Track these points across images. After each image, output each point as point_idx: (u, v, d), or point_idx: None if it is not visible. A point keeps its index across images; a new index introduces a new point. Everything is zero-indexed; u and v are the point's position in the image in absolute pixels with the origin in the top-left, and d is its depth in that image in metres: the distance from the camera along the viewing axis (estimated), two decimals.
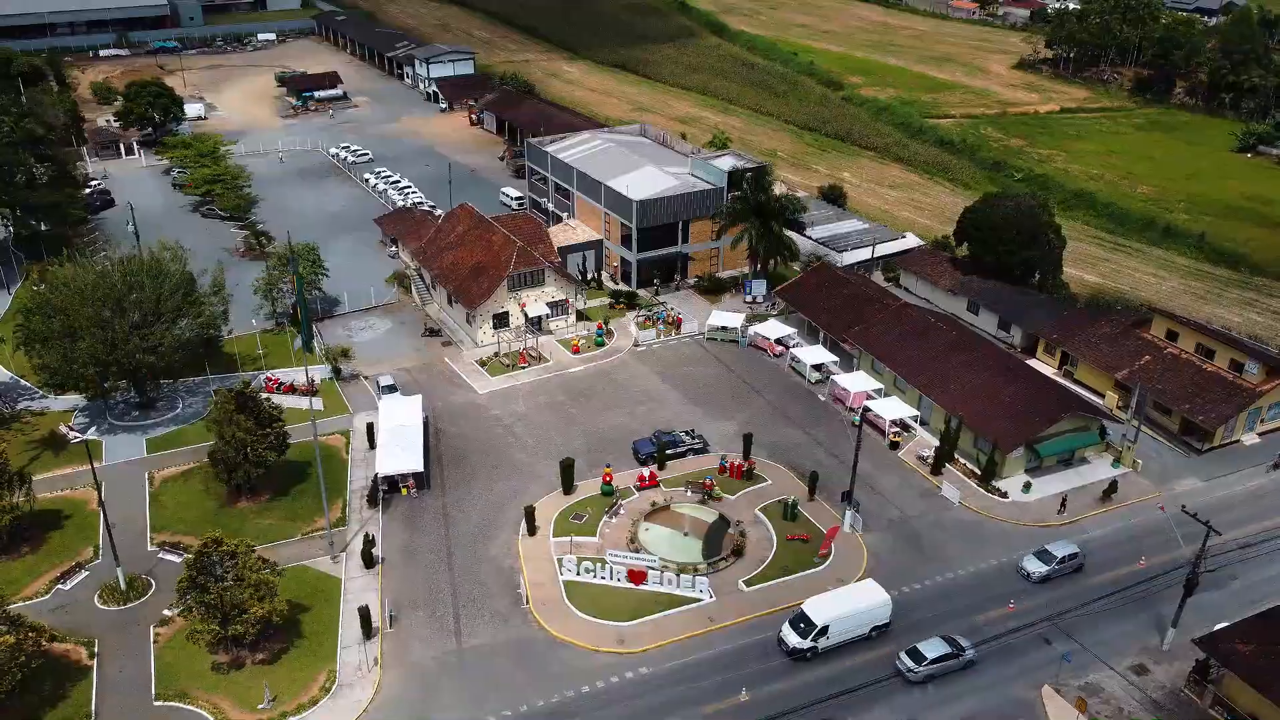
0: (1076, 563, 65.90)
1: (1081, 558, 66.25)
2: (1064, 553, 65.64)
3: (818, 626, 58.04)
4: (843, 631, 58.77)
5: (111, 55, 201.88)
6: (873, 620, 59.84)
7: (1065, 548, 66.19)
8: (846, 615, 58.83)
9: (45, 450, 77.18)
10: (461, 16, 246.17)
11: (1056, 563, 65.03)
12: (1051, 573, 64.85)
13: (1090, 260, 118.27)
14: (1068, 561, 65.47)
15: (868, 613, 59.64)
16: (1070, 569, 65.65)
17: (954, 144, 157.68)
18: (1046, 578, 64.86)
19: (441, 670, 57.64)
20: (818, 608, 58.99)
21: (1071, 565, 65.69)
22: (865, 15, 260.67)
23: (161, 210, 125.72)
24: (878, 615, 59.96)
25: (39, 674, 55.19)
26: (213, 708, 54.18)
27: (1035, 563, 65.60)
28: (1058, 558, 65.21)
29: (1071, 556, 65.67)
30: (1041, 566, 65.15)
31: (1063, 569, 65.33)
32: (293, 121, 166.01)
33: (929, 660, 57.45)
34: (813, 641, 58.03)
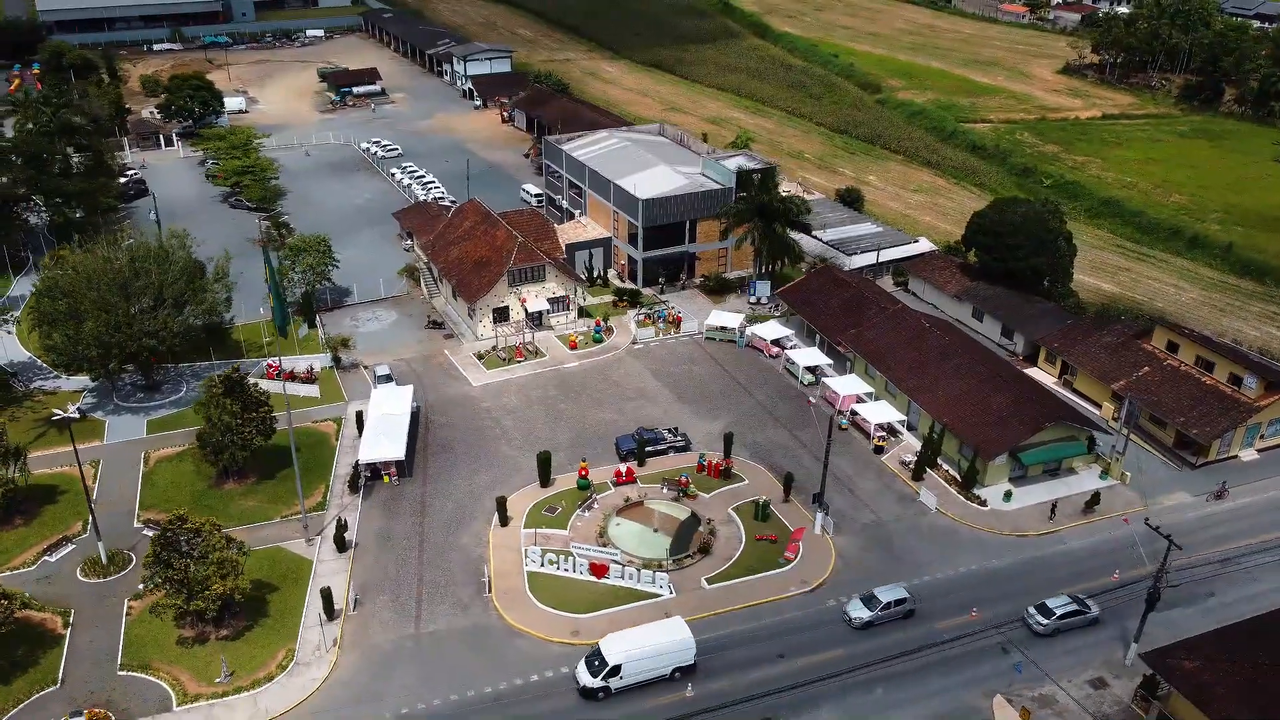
0: (905, 608, 61.18)
1: (912, 603, 61.45)
2: (891, 598, 61.07)
3: (609, 665, 55.01)
4: (639, 671, 55.32)
5: (164, 50, 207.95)
6: (674, 661, 56.26)
7: (893, 592, 61.51)
8: (644, 654, 55.45)
9: (50, 428, 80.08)
10: (508, 15, 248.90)
11: (881, 608, 60.53)
12: (876, 619, 60.40)
13: (1110, 269, 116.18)
14: (894, 607, 60.82)
15: (668, 653, 56.08)
16: (898, 615, 61.05)
17: (985, 149, 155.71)
18: (869, 624, 60.42)
19: (397, 654, 58.91)
20: (613, 645, 55.69)
21: (899, 611, 61.02)
22: (912, 17, 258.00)
23: (194, 200, 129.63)
24: (679, 655, 56.33)
25: (13, 639, 57.67)
26: (171, 679, 56.06)
27: (859, 608, 61.09)
28: (883, 603, 60.77)
29: (899, 602, 60.93)
30: (865, 612, 60.67)
31: (888, 615, 60.74)
32: (330, 116, 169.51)
33: (1056, 615, 59.88)
34: (604, 681, 54.98)
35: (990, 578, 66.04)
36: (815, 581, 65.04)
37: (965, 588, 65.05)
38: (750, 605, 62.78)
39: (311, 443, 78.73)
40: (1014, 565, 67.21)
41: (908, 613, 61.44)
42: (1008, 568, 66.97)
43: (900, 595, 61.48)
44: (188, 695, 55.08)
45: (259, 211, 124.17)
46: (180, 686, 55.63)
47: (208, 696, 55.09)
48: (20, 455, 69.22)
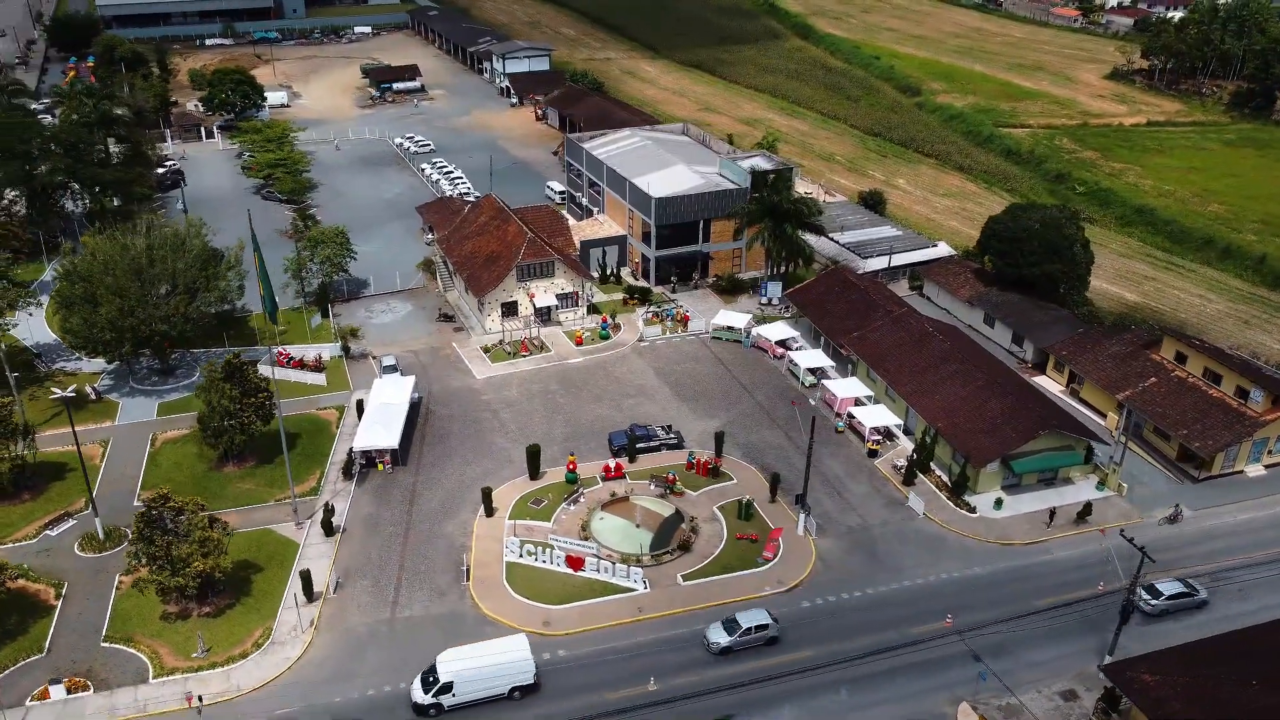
0: (767, 634, 59.03)
1: (775, 629, 59.21)
2: (752, 623, 58.96)
3: (440, 682, 54.22)
4: (473, 690, 54.22)
5: (216, 44, 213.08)
6: (512, 680, 55.08)
7: (755, 617, 59.35)
8: (478, 672, 54.42)
9: (66, 408, 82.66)
10: (553, 14, 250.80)
11: (741, 633, 58.50)
12: (735, 644, 58.36)
13: (1135, 278, 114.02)
14: (755, 632, 58.77)
15: (505, 671, 54.96)
16: (759, 641, 58.96)
17: (1020, 154, 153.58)
18: (728, 649, 58.39)
19: (371, 637, 60.20)
20: (448, 661, 54.93)
21: (760, 637, 58.92)
22: (960, 20, 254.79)
23: (228, 191, 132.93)
24: (517, 675, 55.15)
25: (7, 608, 60.09)
26: (151, 652, 57.96)
27: (719, 632, 58.92)
28: (743, 628, 58.68)
29: (761, 627, 58.81)
30: (725, 637, 58.51)
31: (748, 640, 58.68)
32: (369, 112, 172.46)
33: (1165, 596, 61.68)
34: (435, 697, 54.10)
35: (970, 585, 65.48)
36: (791, 582, 65.05)
37: (943, 594, 64.55)
38: (723, 604, 62.96)
39: (313, 429, 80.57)
40: (996, 573, 66.56)
41: (770, 639, 59.08)
42: (989, 575, 66.34)
43: (762, 620, 59.16)
44: (164, 668, 56.92)
45: (289, 204, 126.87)
46: (158, 659, 57.50)
47: (183, 670, 56.88)
48: (29, 433, 71.77)
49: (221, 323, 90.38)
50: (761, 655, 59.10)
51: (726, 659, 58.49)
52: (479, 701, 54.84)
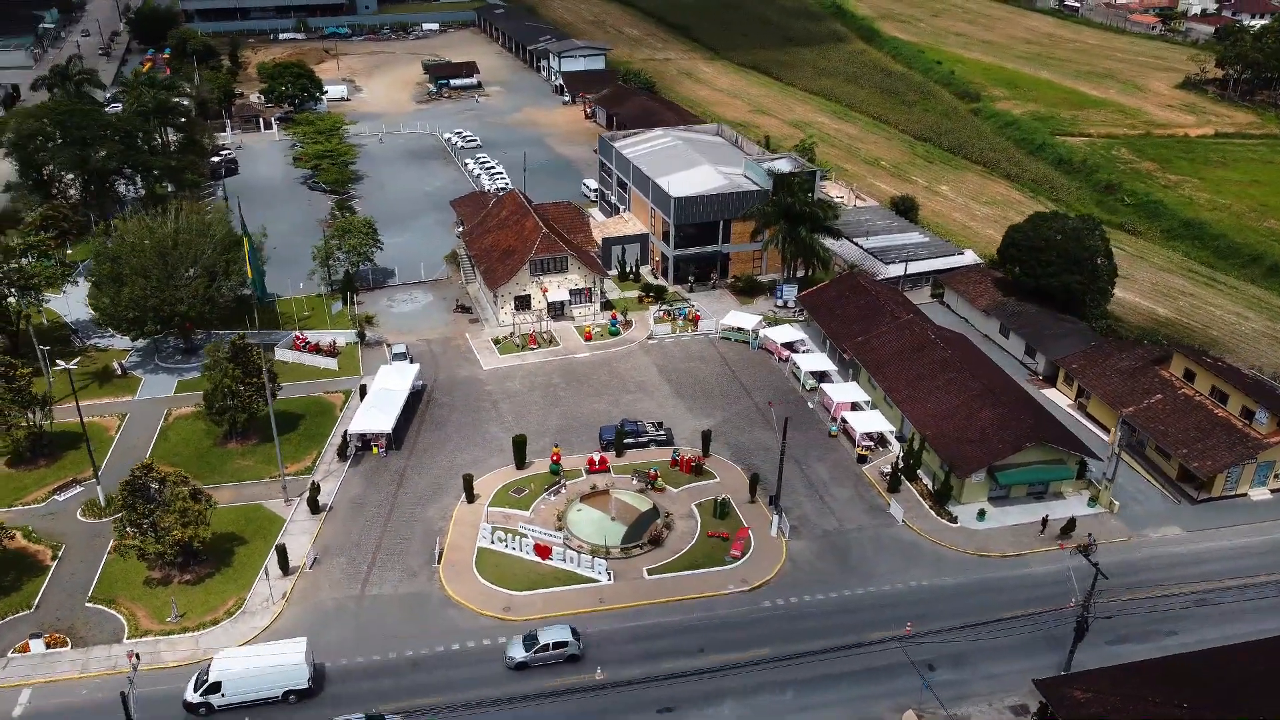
0: (566, 652, 58.06)
1: (575, 647, 58.17)
2: (551, 639, 58.27)
3: (209, 682, 54.16)
4: (242, 691, 53.74)
5: (288, 39, 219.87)
6: (284, 683, 54.83)
7: (556, 634, 58.65)
8: (247, 674, 54.01)
9: (93, 381, 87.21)
10: (618, 13, 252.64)
11: (538, 649, 57.79)
12: (531, 660, 57.60)
13: (1171, 293, 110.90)
14: (554, 649, 57.98)
15: (277, 674, 54.68)
16: (558, 658, 58.06)
17: (1071, 164, 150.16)
18: (524, 665, 57.64)
19: (338, 612, 62.41)
20: (222, 661, 54.87)
21: (559, 654, 58.04)
22: (1033, 26, 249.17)
23: (278, 180, 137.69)
24: (289, 678, 54.87)
25: (5, 566, 63.83)
26: (129, 614, 61.06)
27: (517, 647, 58.24)
28: (540, 644, 57.97)
29: (560, 644, 57.99)
30: (521, 652, 57.83)
31: (546, 657, 57.90)
32: (425, 107, 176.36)
33: None
34: (203, 696, 53.98)
35: (937, 594, 64.98)
36: (756, 582, 65.37)
37: (908, 602, 64.20)
38: (683, 599, 63.67)
39: (317, 411, 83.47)
40: (966, 584, 65.93)
41: (569, 656, 58.25)
42: (958, 586, 65.74)
43: (562, 638, 58.35)
44: (139, 630, 59.94)
45: (332, 194, 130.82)
46: (135, 621, 60.55)
47: (156, 633, 59.82)
48: (46, 403, 75.82)
49: (244, 306, 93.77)
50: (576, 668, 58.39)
51: (522, 673, 57.77)
52: (251, 703, 54.42)
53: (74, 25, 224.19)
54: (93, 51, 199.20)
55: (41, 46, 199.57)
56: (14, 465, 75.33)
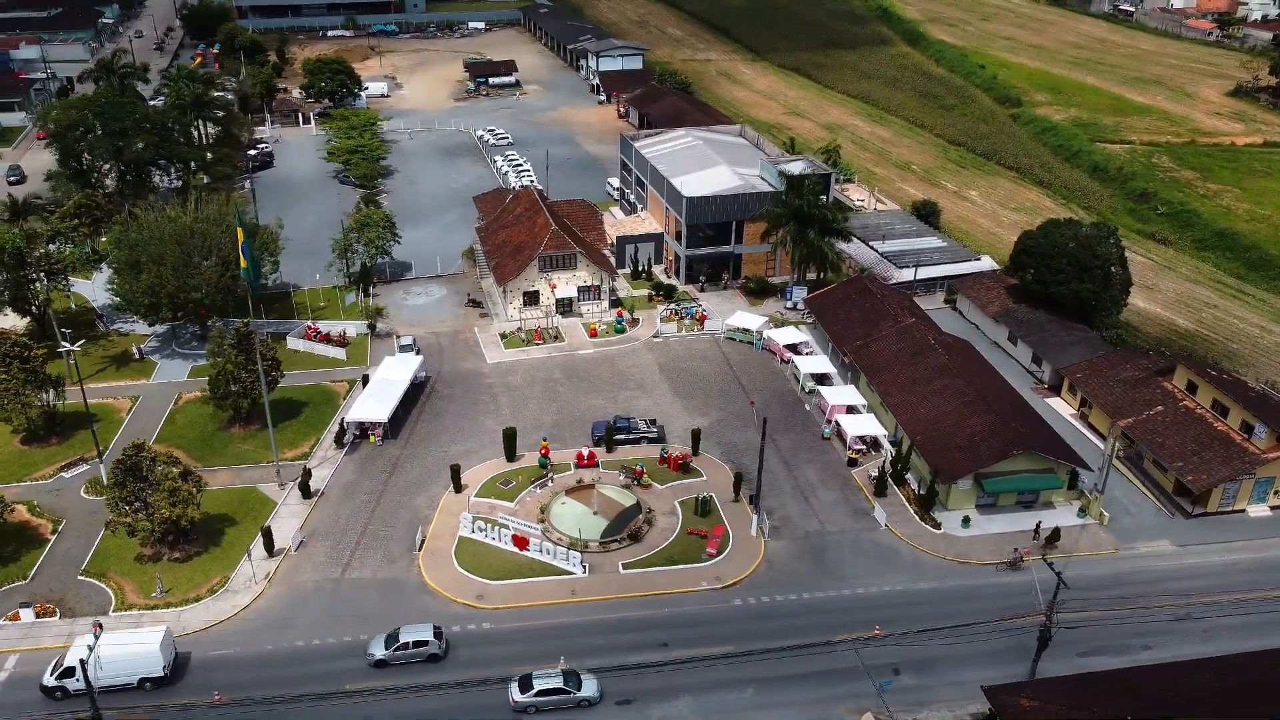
0: (427, 651, 58.14)
1: (436, 646, 58.25)
2: (411, 638, 58.28)
3: (64, 666, 54.96)
4: (95, 676, 52.87)
5: (336, 35, 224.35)
6: (140, 670, 55.42)
7: (417, 633, 58.69)
8: (103, 660, 53.86)
9: (112, 364, 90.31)
10: (662, 14, 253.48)
11: (397, 647, 57.90)
12: (391, 658, 57.80)
13: (1195, 304, 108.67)
14: (413, 648, 58.02)
15: (133, 662, 55.24)
16: (419, 657, 58.09)
17: (1107, 171, 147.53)
18: (384, 663, 57.85)
19: (316, 593, 64.10)
20: (77, 647, 54.80)
21: (420, 653, 58.09)
22: (1085, 31, 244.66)
23: (312, 173, 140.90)
24: (145, 666, 55.40)
25: (7, 538, 66.61)
26: (117, 589, 63.38)
27: (378, 645, 58.45)
28: (400, 642, 58.07)
29: (421, 644, 58.03)
30: (381, 650, 58.09)
31: (406, 655, 57.97)
32: (463, 104, 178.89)
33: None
34: (59, 681, 54.88)
35: (910, 599, 64.75)
36: (730, 580, 65.74)
37: (879, 606, 64.08)
38: (655, 594, 64.30)
39: (321, 399, 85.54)
40: (940, 590, 65.57)
41: (430, 656, 58.36)
42: (932, 591, 65.42)
43: (423, 637, 58.48)
44: (125, 603, 62.17)
45: (361, 188, 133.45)
46: (122, 596, 62.83)
47: (140, 607, 62.02)
48: (59, 384, 78.72)
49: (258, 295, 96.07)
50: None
51: (382, 670, 58.10)
52: (107, 689, 54.69)
53: (133, 20, 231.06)
54: (148, 46, 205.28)
55: (100, 41, 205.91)
56: (27, 443, 78.38)
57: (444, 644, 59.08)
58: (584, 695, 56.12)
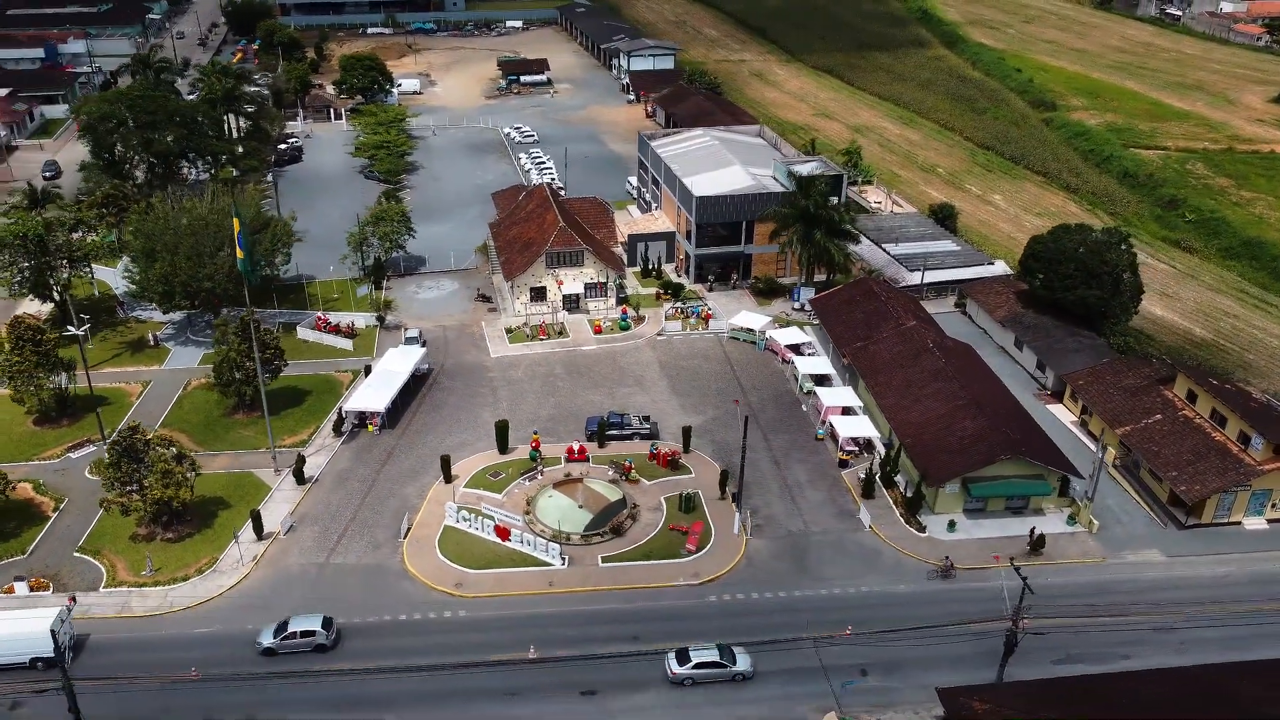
0: (315, 641, 58.87)
1: (324, 636, 59.00)
2: (299, 628, 59.20)
3: None
4: None
5: (376, 33, 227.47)
6: (29, 650, 56.29)
7: (306, 622, 59.42)
8: None
9: (127, 350, 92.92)
10: (699, 14, 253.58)
11: (285, 636, 58.70)
12: (279, 647, 58.50)
13: (1215, 314, 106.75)
14: (301, 637, 58.80)
15: (21, 641, 56.23)
16: (306, 646, 58.81)
17: (1136, 177, 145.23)
18: (271, 650, 58.53)
19: (301, 576, 65.61)
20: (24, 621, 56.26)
21: (307, 643, 58.81)
22: (1129, 35, 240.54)
23: (339, 168, 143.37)
24: (35, 646, 56.01)
25: (11, 515, 69.06)
26: (109, 565, 65.42)
27: (267, 634, 59.28)
28: (288, 631, 58.97)
29: (309, 633, 58.85)
30: (269, 638, 58.86)
31: (294, 644, 58.75)
32: (493, 102, 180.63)
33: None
34: None
35: (887, 601, 64.66)
36: (707, 576, 66.13)
37: (854, 606, 64.06)
38: (632, 588, 64.92)
39: (324, 388, 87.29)
40: (918, 593, 65.41)
41: (318, 646, 59.06)
42: (909, 594, 65.28)
43: (311, 627, 59.18)
44: (115, 580, 64.16)
45: (385, 183, 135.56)
46: (114, 572, 64.87)
47: (130, 584, 63.94)
48: (70, 368, 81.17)
49: (268, 285, 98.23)
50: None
51: (269, 659, 58.97)
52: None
53: (181, 17, 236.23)
54: (192, 42, 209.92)
55: (145, 37, 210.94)
56: (39, 424, 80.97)
57: (333, 634, 59.64)
58: (739, 669, 57.66)
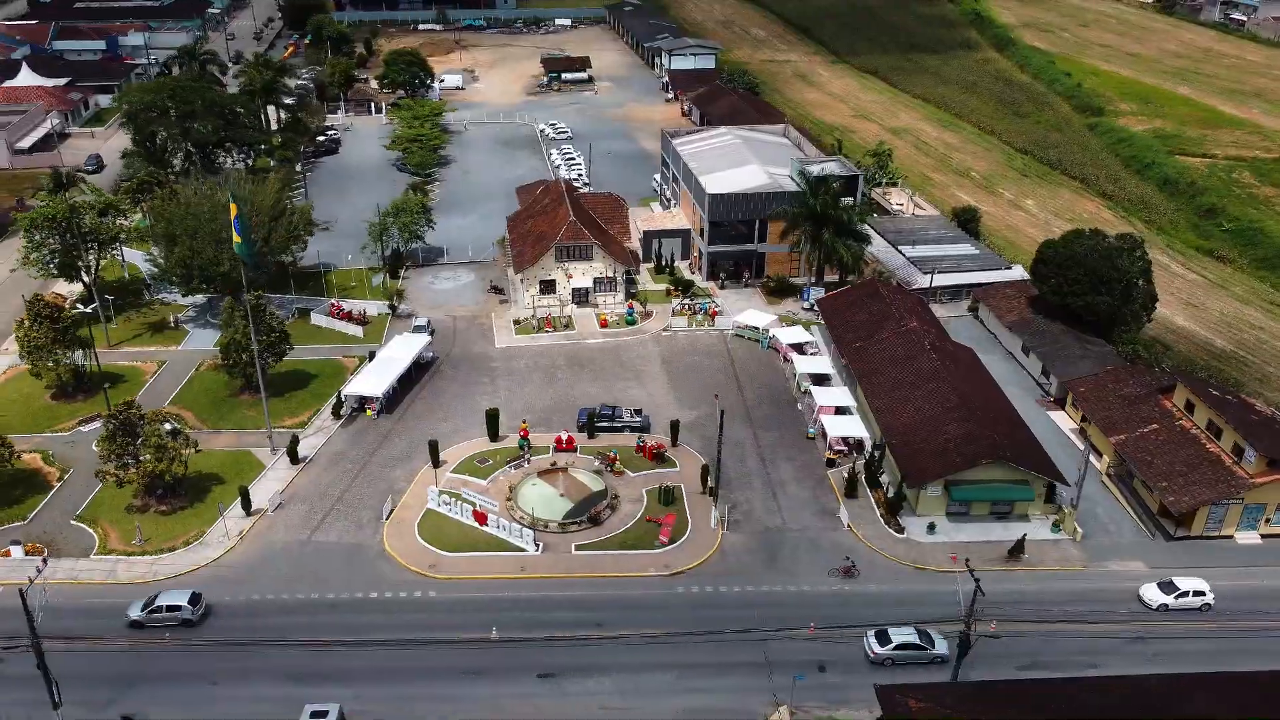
0: (180, 616, 60.18)
1: (189, 612, 60.20)
2: (166, 602, 60.48)
3: None
4: None
5: (427, 29, 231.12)
6: None
7: (173, 598, 60.76)
8: None
9: (149, 330, 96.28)
10: (748, 14, 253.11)
11: (152, 610, 60.23)
12: (145, 620, 60.07)
13: (1240, 325, 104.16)
14: (166, 612, 60.25)
15: None
16: (172, 620, 60.21)
17: (1176, 184, 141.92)
18: (139, 624, 60.17)
19: (283, 552, 67.61)
20: None
21: (173, 617, 60.20)
22: (1189, 40, 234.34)
23: (375, 160, 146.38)
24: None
25: (18, 482, 72.25)
26: (102, 534, 68.14)
27: (136, 607, 60.62)
28: (154, 605, 60.34)
29: (174, 608, 60.21)
30: (138, 612, 60.34)
31: (160, 618, 60.18)
32: (534, 99, 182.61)
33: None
34: None
35: (853, 599, 64.56)
36: (678, 568, 66.66)
37: (821, 604, 64.06)
38: (602, 576, 65.73)
39: (330, 373, 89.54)
40: (887, 593, 65.15)
41: (184, 620, 60.30)
42: (878, 594, 65.07)
43: (178, 602, 60.46)
44: (106, 548, 66.79)
45: (416, 176, 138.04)
46: (105, 540, 67.53)
47: (120, 552, 66.53)
48: (86, 345, 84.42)
49: (284, 271, 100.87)
50: None
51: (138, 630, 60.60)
52: None
53: (241, 11, 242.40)
54: (247, 36, 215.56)
55: (204, 31, 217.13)
56: (57, 398, 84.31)
57: (200, 610, 61.11)
58: (938, 652, 59.21)
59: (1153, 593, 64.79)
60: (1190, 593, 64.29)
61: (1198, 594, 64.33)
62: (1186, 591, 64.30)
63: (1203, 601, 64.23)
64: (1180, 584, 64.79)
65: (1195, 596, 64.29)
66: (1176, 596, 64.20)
